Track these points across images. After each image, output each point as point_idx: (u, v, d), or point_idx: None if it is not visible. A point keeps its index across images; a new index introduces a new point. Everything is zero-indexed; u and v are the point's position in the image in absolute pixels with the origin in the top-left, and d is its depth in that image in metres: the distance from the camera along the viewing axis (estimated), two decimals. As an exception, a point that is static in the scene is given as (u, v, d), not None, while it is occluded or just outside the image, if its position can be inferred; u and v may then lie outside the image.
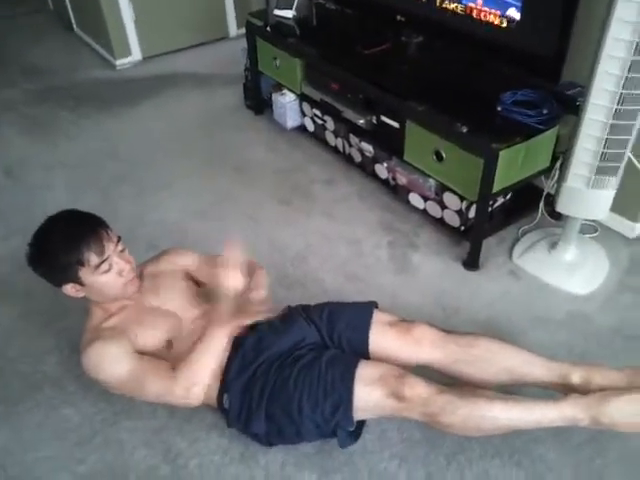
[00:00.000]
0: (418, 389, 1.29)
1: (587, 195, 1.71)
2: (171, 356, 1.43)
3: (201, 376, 1.35)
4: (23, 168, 2.66)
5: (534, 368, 1.39)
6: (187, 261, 1.64)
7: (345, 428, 1.33)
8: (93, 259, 1.34)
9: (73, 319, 1.84)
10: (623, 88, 1.48)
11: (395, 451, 1.44)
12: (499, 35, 1.88)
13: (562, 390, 1.36)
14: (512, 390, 1.36)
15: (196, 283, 1.65)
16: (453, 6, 1.98)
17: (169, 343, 1.46)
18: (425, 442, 1.45)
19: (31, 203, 2.41)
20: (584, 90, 1.57)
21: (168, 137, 2.83)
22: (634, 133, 1.57)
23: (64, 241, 1.34)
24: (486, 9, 1.87)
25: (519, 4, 1.77)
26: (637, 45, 1.41)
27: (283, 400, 1.33)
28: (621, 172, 1.65)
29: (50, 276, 1.40)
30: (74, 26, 4.12)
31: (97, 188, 2.50)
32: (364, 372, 1.33)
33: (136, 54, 3.65)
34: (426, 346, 1.43)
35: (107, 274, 1.38)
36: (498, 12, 1.84)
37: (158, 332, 1.45)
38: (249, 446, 1.46)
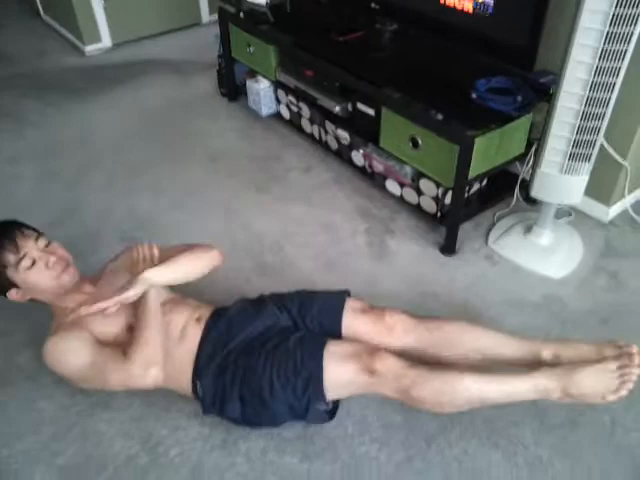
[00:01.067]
0: (389, 363, 1.31)
1: (560, 180, 1.74)
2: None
3: (153, 352, 1.36)
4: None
5: (505, 347, 1.41)
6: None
7: (318, 406, 1.34)
8: (10, 257, 1.38)
9: (47, 312, 1.81)
10: (594, 76, 1.51)
11: (375, 435, 1.45)
12: (473, 23, 1.89)
13: (534, 368, 1.37)
14: (485, 370, 1.38)
15: None
16: (428, -8, 1.98)
17: (130, 327, 1.45)
18: (405, 426, 1.47)
19: (-1, 194, 2.34)
20: (557, 78, 1.60)
21: (139, 125, 2.78)
22: (606, 120, 1.60)
23: None
24: (461, -5, 1.88)
25: (493, -9, 1.78)
26: (607, 34, 1.44)
27: (254, 382, 1.35)
28: (594, 158, 1.69)
29: None
30: (41, 12, 4.00)
31: (66, 178, 2.44)
32: (336, 349, 1.36)
33: (106, 40, 3.57)
34: (398, 332, 1.46)
35: (34, 270, 1.40)
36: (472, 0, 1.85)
37: (117, 320, 1.45)
38: (230, 433, 1.46)
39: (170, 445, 1.45)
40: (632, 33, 1.42)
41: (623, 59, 1.47)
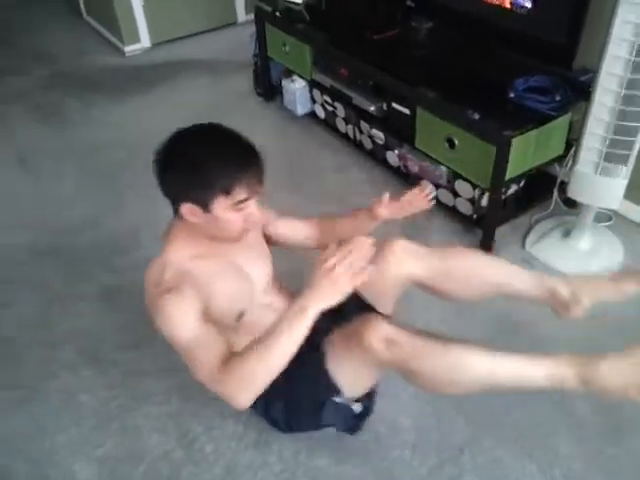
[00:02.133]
0: (379, 330, 1.16)
1: (597, 182, 1.70)
2: (239, 328, 1.27)
3: (262, 381, 1.08)
4: (35, 157, 2.67)
5: (520, 280, 1.34)
6: (266, 215, 1.39)
7: (345, 403, 1.30)
8: (241, 194, 1.11)
9: (89, 306, 1.87)
10: (631, 73, 1.47)
11: (408, 438, 1.45)
12: (511, 21, 1.86)
13: (551, 305, 1.32)
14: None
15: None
16: (466, -9, 1.96)
17: (241, 313, 1.27)
18: (438, 430, 1.46)
19: (42, 193, 2.42)
20: (595, 74, 1.56)
21: (177, 125, 2.78)
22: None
23: (224, 160, 1.11)
24: (500, -6, 1.85)
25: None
26: None
27: (295, 384, 1.27)
28: (632, 161, 1.63)
29: (181, 187, 1.13)
30: (83, 12, 4.11)
31: (106, 177, 2.51)
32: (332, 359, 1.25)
33: (145, 41, 3.64)
34: (408, 259, 1.36)
35: (237, 213, 1.14)
36: (512, -3, 1.81)
37: (235, 299, 1.25)
38: (263, 434, 1.48)
39: (205, 442, 1.48)
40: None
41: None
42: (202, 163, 1.10)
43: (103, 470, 1.44)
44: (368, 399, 1.38)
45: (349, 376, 1.27)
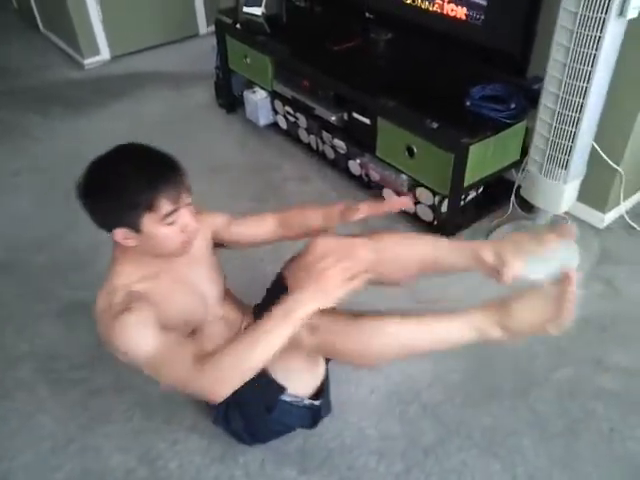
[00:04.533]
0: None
1: (542, 183, 1.76)
2: (194, 342, 1.23)
3: (240, 376, 1.06)
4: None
5: (445, 252, 1.31)
6: (217, 221, 1.39)
7: (284, 398, 1.28)
8: (165, 206, 1.11)
9: (46, 326, 1.82)
10: (567, 77, 1.54)
11: (374, 447, 1.45)
12: (467, 31, 1.90)
13: (482, 271, 1.29)
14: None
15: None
16: (420, 3, 2.00)
17: (195, 329, 1.28)
18: (403, 437, 1.47)
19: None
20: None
21: (138, 137, 2.70)
22: (581, 127, 1.60)
23: (139, 178, 1.10)
24: (452, 5, 1.89)
25: (484, 2, 1.79)
26: (577, 34, 1.47)
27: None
28: (572, 166, 1.69)
29: (106, 214, 1.14)
30: (40, 25, 4.03)
31: (65, 192, 2.44)
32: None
33: (104, 53, 3.60)
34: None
35: (171, 227, 1.14)
36: (465, 9, 1.86)
37: (189, 315, 1.26)
38: (228, 447, 1.45)
39: (169, 458, 1.45)
40: (599, 37, 1.44)
41: (593, 64, 1.49)
42: (120, 186, 1.10)
43: (62, 493, 1.40)
44: (321, 396, 1.36)
45: (285, 370, 1.26)
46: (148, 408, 1.53)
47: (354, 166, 2.31)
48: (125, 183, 1.09)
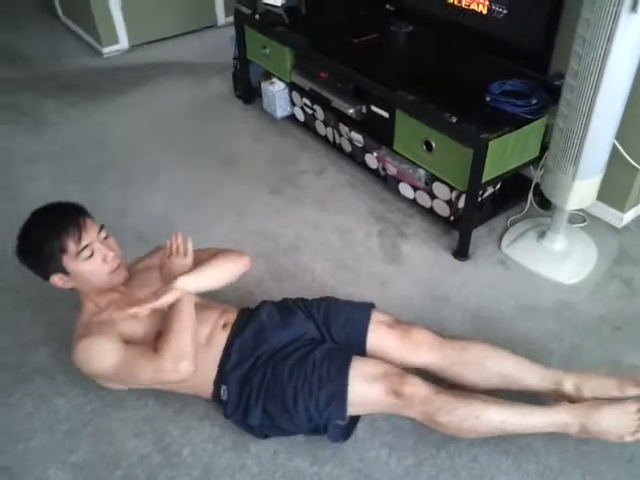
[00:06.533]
0: (418, 388, 1.33)
1: (554, 177, 1.74)
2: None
3: (183, 347, 1.33)
4: (8, 159, 2.62)
5: (527, 374, 1.42)
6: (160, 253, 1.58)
7: (337, 422, 1.34)
8: (72, 246, 1.35)
9: (63, 310, 1.84)
10: (581, 69, 1.52)
11: (385, 440, 1.46)
12: (488, 25, 1.88)
13: (554, 397, 1.40)
14: (505, 396, 1.38)
15: None
16: (443, -5, 1.98)
17: (159, 333, 1.43)
18: (415, 431, 1.47)
19: (17, 196, 2.38)
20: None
21: (155, 127, 2.81)
22: (591, 121, 1.57)
23: (46, 231, 1.36)
24: (476, -2, 1.87)
25: (509, -6, 1.77)
26: (593, 25, 1.44)
27: (279, 391, 1.35)
28: (586, 163, 1.66)
29: (37, 267, 1.41)
30: (59, 13, 4.05)
31: (82, 178, 2.48)
32: (364, 367, 1.36)
33: (123, 42, 3.61)
34: (424, 349, 1.46)
35: (90, 261, 1.38)
36: (487, 2, 1.84)
37: (147, 325, 1.44)
38: (241, 435, 1.47)
39: (182, 445, 1.47)
40: (612, 29, 1.41)
41: (604, 57, 1.46)
42: (34, 242, 1.37)
43: (78, 476, 1.41)
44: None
45: (361, 408, 1.39)
46: (162, 395, 1.55)
47: (371, 159, 2.31)
48: (37, 238, 1.36)
